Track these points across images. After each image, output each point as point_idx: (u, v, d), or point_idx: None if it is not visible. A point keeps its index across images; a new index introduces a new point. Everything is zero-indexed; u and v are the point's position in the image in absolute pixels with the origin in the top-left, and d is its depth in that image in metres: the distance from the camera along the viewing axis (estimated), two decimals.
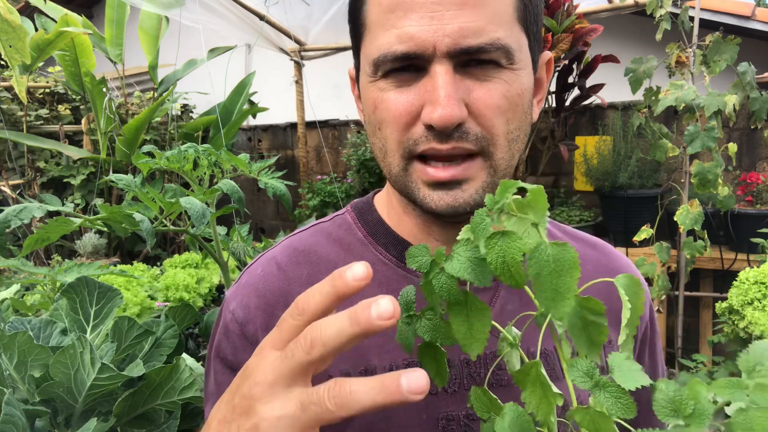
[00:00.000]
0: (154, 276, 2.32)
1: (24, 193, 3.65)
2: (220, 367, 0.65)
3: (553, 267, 0.35)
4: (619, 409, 0.35)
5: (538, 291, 0.35)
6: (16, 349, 0.99)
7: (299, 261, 0.66)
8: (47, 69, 4.11)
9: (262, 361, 0.38)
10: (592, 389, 0.36)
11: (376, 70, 0.56)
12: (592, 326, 0.37)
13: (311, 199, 3.95)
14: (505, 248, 0.35)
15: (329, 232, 0.69)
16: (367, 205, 0.70)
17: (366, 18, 0.57)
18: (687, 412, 0.34)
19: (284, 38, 3.71)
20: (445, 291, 0.39)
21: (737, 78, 2.26)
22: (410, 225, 0.66)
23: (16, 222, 1.17)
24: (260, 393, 0.37)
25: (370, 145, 0.63)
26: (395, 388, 0.33)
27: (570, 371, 0.37)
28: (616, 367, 0.37)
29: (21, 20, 1.13)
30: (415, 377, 0.33)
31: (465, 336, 0.40)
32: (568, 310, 0.34)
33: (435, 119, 0.52)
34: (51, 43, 2.33)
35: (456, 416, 0.60)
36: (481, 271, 0.37)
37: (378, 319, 0.34)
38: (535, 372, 0.39)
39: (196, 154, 1.48)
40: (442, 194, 0.56)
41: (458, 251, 0.38)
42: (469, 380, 0.61)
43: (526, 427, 0.39)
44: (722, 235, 2.80)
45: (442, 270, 0.39)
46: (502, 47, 0.53)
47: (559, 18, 2.56)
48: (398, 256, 0.65)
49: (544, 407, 0.38)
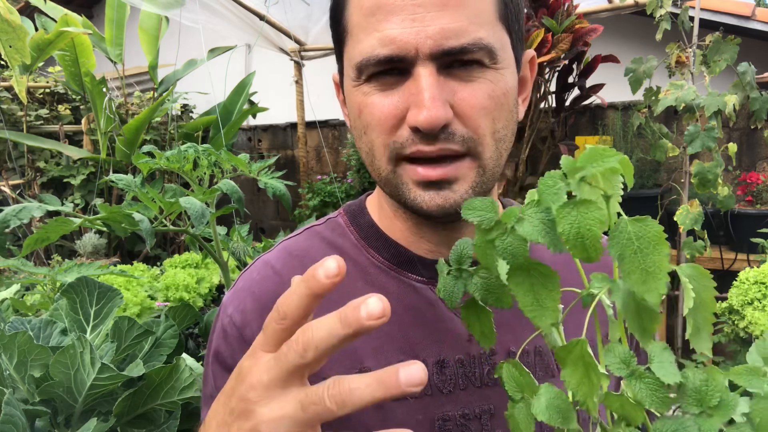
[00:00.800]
0: (154, 276, 2.32)
1: (24, 193, 3.65)
2: (218, 370, 0.65)
3: (637, 245, 0.32)
4: (654, 402, 0.33)
5: (625, 274, 0.33)
6: (16, 349, 0.99)
7: (294, 265, 0.66)
8: (47, 69, 4.11)
9: (255, 364, 0.38)
10: (628, 378, 0.34)
11: (360, 74, 0.56)
12: (645, 312, 0.35)
13: (311, 199, 3.95)
14: (581, 219, 0.33)
15: (323, 236, 0.69)
16: (359, 209, 0.71)
17: (348, 22, 0.57)
18: (713, 403, 0.33)
19: (284, 38, 3.71)
20: (509, 254, 0.36)
21: (737, 78, 2.26)
22: (401, 228, 0.66)
23: (15, 222, 1.17)
24: (257, 396, 0.37)
25: (358, 150, 0.63)
26: (393, 381, 0.33)
27: (606, 356, 0.35)
28: (655, 358, 0.34)
29: (21, 20, 1.13)
30: (413, 370, 0.33)
31: (533, 306, 0.37)
32: (664, 291, 0.32)
33: (420, 121, 0.52)
34: (51, 43, 2.34)
35: (452, 416, 0.60)
36: (557, 236, 0.34)
37: (368, 319, 0.33)
38: (579, 350, 0.36)
39: (196, 154, 1.48)
40: (433, 194, 0.55)
41: (529, 212, 0.35)
42: (464, 380, 0.61)
43: (565, 408, 0.37)
44: (722, 235, 2.80)
45: (509, 230, 0.36)
46: (484, 47, 0.53)
47: (559, 18, 2.56)
48: (390, 259, 0.65)
49: (584, 387, 0.36)
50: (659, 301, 0.32)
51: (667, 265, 0.32)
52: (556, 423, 0.37)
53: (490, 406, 0.61)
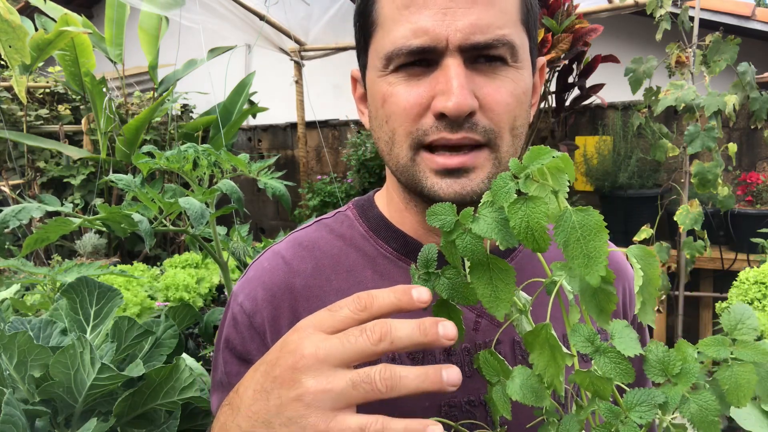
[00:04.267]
0: (154, 276, 2.32)
1: (24, 193, 3.65)
2: (229, 357, 0.66)
3: (580, 233, 0.35)
4: (618, 374, 0.36)
5: (569, 259, 0.35)
6: (16, 349, 0.99)
7: (303, 255, 0.68)
8: (47, 69, 4.11)
9: (307, 338, 0.41)
10: (593, 354, 0.36)
11: (388, 63, 0.58)
12: (602, 294, 0.38)
13: (311, 199, 3.95)
14: (529, 213, 0.36)
15: (332, 228, 0.71)
16: (368, 202, 0.72)
17: (378, 14, 0.60)
18: (675, 372, 0.36)
19: (284, 38, 3.71)
20: (468, 251, 0.39)
21: (737, 78, 2.26)
22: (412, 220, 0.67)
23: (14, 222, 1.17)
24: (307, 366, 0.40)
25: (375, 141, 0.65)
26: (437, 378, 0.38)
27: (572, 336, 0.37)
28: (616, 334, 0.37)
29: (21, 20, 1.13)
30: (453, 372, 0.39)
31: (490, 298, 0.40)
32: (603, 273, 0.35)
33: (449, 107, 0.54)
34: (51, 43, 2.33)
35: (458, 403, 0.61)
36: (508, 233, 0.37)
37: (443, 338, 0.39)
38: (544, 334, 0.39)
39: (196, 154, 1.48)
40: (451, 182, 0.57)
41: (483, 212, 0.39)
42: (470, 368, 0.63)
43: (537, 388, 0.40)
44: (722, 235, 2.80)
45: (467, 230, 0.39)
46: (508, 43, 0.56)
47: (559, 18, 2.56)
48: (399, 249, 0.67)
49: (551, 369, 0.39)
50: (599, 282, 0.35)
51: (606, 250, 0.35)
52: (529, 401, 0.40)
53: None
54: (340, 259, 0.67)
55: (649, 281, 0.40)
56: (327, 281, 0.65)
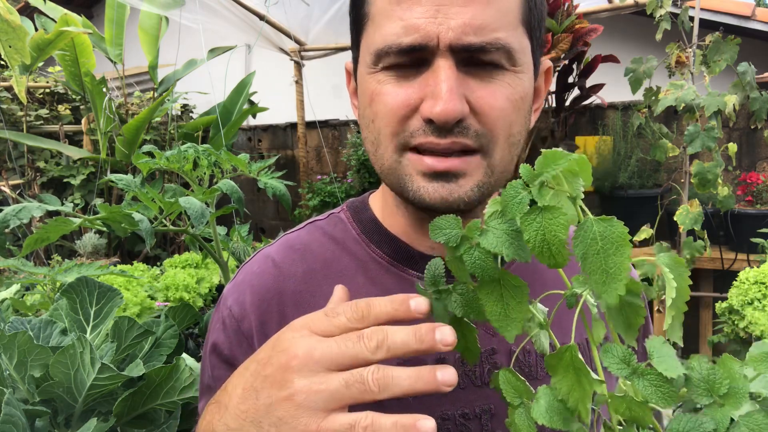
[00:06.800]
0: (154, 276, 2.32)
1: (24, 193, 3.65)
2: (216, 361, 0.65)
3: (601, 245, 0.32)
4: (660, 398, 0.32)
5: (586, 273, 0.32)
6: (16, 349, 0.99)
7: (294, 258, 0.66)
8: (47, 69, 4.11)
9: (301, 339, 0.41)
10: (630, 376, 0.33)
11: (378, 60, 0.55)
12: (629, 307, 0.35)
13: (311, 199, 3.95)
14: (546, 225, 0.32)
15: (324, 230, 0.69)
16: (362, 204, 0.70)
17: (370, 8, 0.57)
18: (722, 392, 0.32)
19: (284, 38, 3.70)
20: (478, 268, 0.36)
21: (737, 78, 2.26)
22: (403, 224, 0.65)
23: (15, 222, 1.17)
24: (300, 366, 0.40)
25: (362, 141, 0.62)
26: (431, 378, 0.38)
27: (604, 357, 0.34)
28: (655, 353, 0.33)
29: (21, 20, 1.13)
30: (448, 372, 0.38)
31: (500, 317, 0.37)
32: (622, 292, 0.31)
33: (436, 113, 0.51)
34: (51, 43, 2.33)
35: (451, 416, 0.59)
36: (520, 246, 0.34)
37: (440, 344, 0.38)
38: (569, 356, 0.35)
39: (196, 154, 1.48)
40: (438, 186, 0.54)
41: (492, 224, 0.35)
42: (464, 379, 0.60)
43: (564, 411, 0.37)
44: (722, 235, 2.80)
45: (475, 245, 0.36)
46: (503, 47, 0.52)
47: (559, 18, 2.56)
48: (391, 254, 0.65)
49: (576, 393, 0.35)
50: (617, 301, 0.32)
51: (628, 266, 0.31)
52: (557, 425, 0.37)
53: (490, 405, 0.60)
54: (332, 263, 0.65)
55: (680, 294, 0.36)
56: (317, 286, 0.63)
